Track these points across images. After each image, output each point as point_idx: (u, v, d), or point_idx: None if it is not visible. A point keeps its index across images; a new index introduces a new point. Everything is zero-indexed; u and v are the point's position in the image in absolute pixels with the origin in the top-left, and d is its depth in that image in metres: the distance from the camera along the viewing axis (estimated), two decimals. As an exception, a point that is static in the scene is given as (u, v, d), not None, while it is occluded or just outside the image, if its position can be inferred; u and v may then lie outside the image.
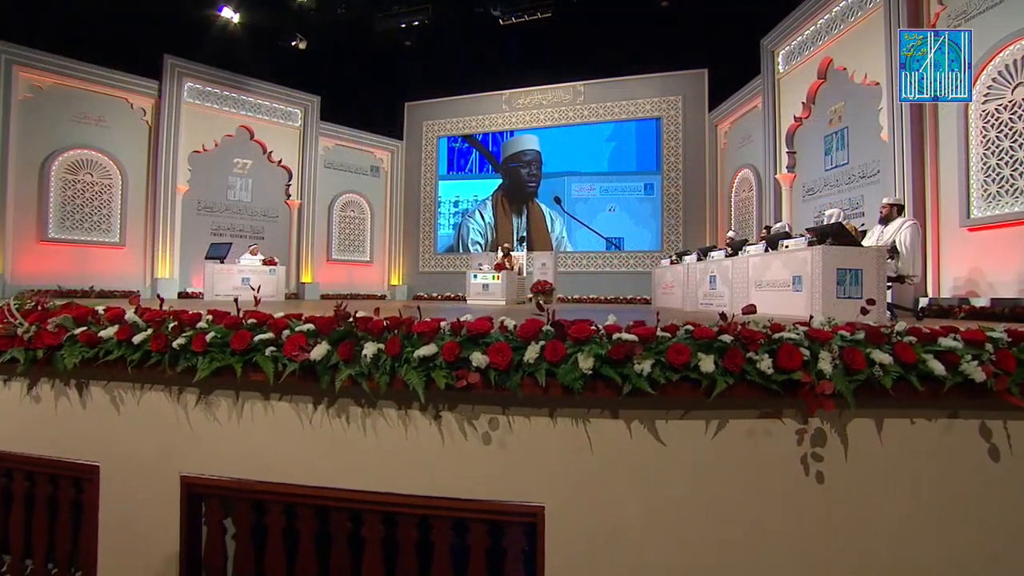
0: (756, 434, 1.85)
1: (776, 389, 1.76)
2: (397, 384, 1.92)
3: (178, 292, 11.72)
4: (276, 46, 12.85)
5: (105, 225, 11.07)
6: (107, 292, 10.53)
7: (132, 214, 11.36)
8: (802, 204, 9.92)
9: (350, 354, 1.94)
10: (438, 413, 1.98)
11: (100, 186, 11.02)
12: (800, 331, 1.85)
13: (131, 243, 11.37)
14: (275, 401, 2.09)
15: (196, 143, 12.16)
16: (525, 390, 1.85)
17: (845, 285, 5.06)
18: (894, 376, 1.71)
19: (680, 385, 1.80)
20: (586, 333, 1.83)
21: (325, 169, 14.55)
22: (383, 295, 15.83)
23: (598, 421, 1.90)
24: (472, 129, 15.71)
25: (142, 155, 11.49)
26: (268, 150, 13.47)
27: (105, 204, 11.08)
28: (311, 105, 14.10)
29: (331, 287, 14.60)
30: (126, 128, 11.28)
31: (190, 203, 12.20)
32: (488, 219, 15.60)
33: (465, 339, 1.92)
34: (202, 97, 12.32)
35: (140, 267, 11.50)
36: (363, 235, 15.53)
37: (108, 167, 11.09)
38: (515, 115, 15.31)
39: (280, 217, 13.80)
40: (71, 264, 10.58)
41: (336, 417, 2.05)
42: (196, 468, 2.11)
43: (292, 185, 13.89)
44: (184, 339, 2.03)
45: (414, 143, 16.15)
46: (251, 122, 13.18)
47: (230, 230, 12.86)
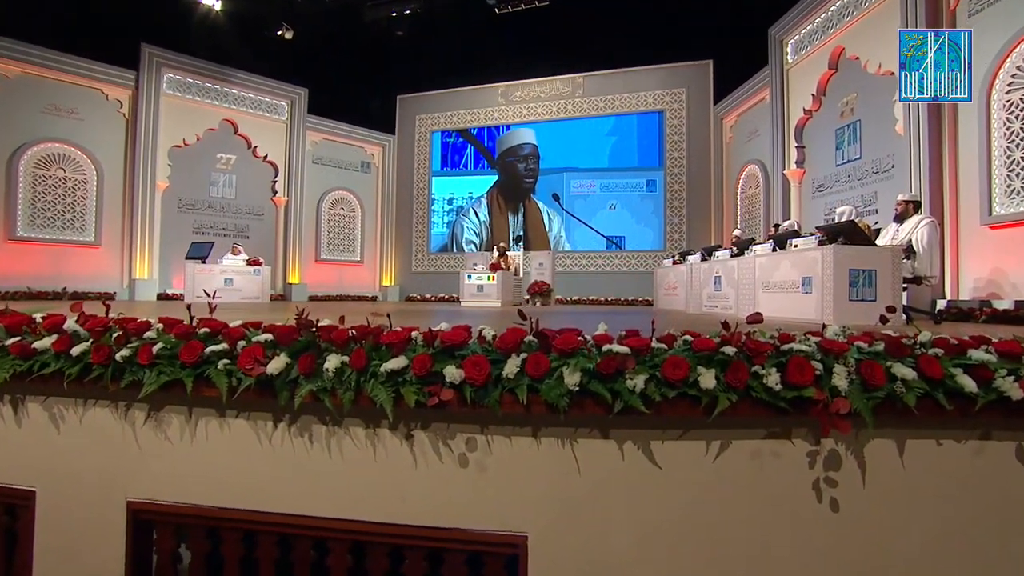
0: (762, 456, 1.75)
1: (785, 407, 1.64)
2: (363, 401, 1.82)
3: (157, 294, 11.60)
4: (261, 36, 12.75)
5: (79, 223, 10.94)
6: (81, 294, 10.40)
7: (108, 212, 11.24)
8: (812, 201, 9.86)
9: (311, 367, 1.82)
10: (410, 432, 1.88)
11: (73, 182, 10.89)
12: (812, 342, 1.73)
13: (107, 242, 11.24)
14: (231, 419, 1.98)
15: (176, 137, 12.05)
16: (505, 408, 1.75)
17: (858, 287, 5.00)
18: (918, 393, 1.59)
19: (677, 402, 1.69)
20: (572, 345, 1.71)
21: (313, 165, 14.48)
22: (374, 296, 15.75)
23: (587, 441, 1.80)
24: (467, 123, 15.63)
25: (118, 149, 11.37)
26: (253, 145, 13.39)
27: (79, 201, 10.95)
28: (298, 98, 14.02)
29: (320, 288, 14.53)
30: (101, 121, 11.15)
31: (170, 200, 12.09)
32: (483, 217, 15.52)
33: (439, 351, 1.79)
34: (183, 89, 12.21)
35: (117, 268, 11.37)
36: (353, 234, 15.46)
37: (82, 162, 10.96)
38: (512, 108, 15.24)
39: (266, 215, 13.72)
40: (43, 264, 10.45)
41: (298, 436, 1.95)
42: (144, 492, 2.00)
43: (278, 182, 13.81)
44: (129, 351, 1.90)
45: (406, 138, 16.07)
46: (235, 115, 13.08)
47: (213, 229, 12.77)
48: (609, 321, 2.03)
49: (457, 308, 9.42)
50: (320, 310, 7.64)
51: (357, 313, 2.03)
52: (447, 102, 15.76)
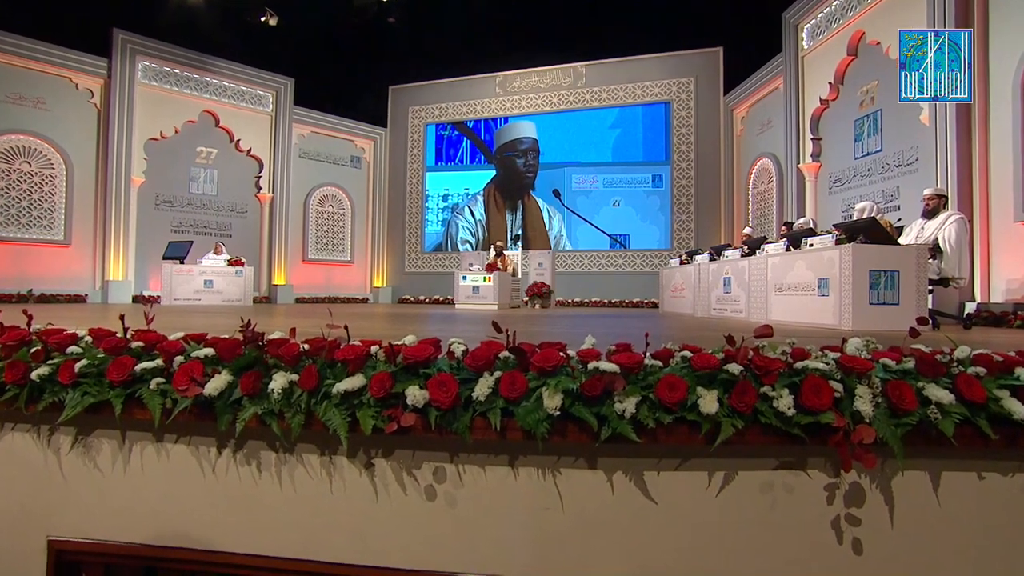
0: (774, 490, 1.61)
1: (799, 435, 1.49)
2: (316, 425, 1.67)
3: (133, 296, 11.50)
4: (244, 22, 12.67)
5: (47, 221, 10.84)
6: (49, 296, 10.30)
7: (79, 209, 11.15)
8: (828, 197, 9.80)
9: (256, 387, 1.67)
10: (370, 461, 1.75)
11: (40, 176, 10.79)
12: (830, 359, 1.59)
13: (78, 241, 11.15)
14: (170, 444, 1.84)
15: (153, 129, 11.98)
16: (476, 434, 1.61)
17: (879, 289, 4.97)
18: (957, 419, 1.43)
19: (674, 428, 1.54)
20: (553, 362, 1.57)
21: (300, 159, 14.45)
22: (365, 298, 15.71)
23: (571, 472, 1.67)
24: (463, 115, 15.60)
25: (90, 142, 11.28)
26: (236, 138, 13.34)
27: (46, 197, 10.85)
28: (284, 88, 13.97)
29: (307, 289, 14.46)
30: (70, 111, 11.06)
31: (147, 196, 12.02)
32: (479, 215, 15.45)
33: (400, 369, 1.64)
34: (159, 78, 12.13)
35: (89, 268, 11.29)
36: (343, 232, 15.43)
37: (49, 155, 10.86)
38: (510, 100, 15.21)
39: (249, 212, 13.67)
40: (7, 264, 10.36)
41: (245, 465, 1.82)
42: (69, 529, 1.86)
43: (263, 177, 13.76)
44: (48, 368, 1.76)
45: (399, 131, 16.05)
46: (216, 107, 13.02)
47: (193, 227, 12.71)
48: (611, 325, 1.89)
49: (451, 311, 9.29)
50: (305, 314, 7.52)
51: (352, 316, 1.88)
52: (442, 93, 15.75)
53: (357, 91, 15.38)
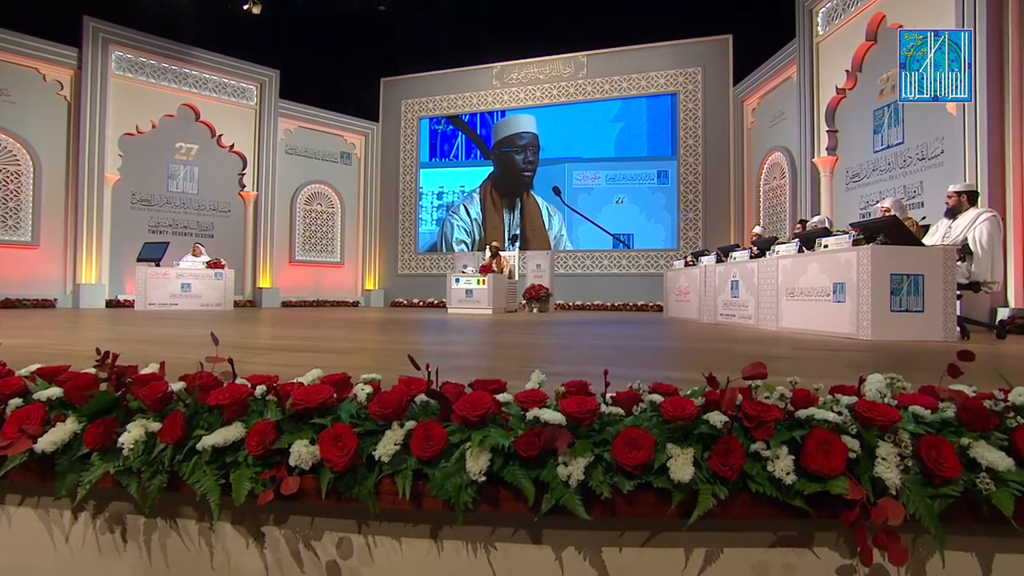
0: (770, 572, 1.30)
1: (802, 507, 1.17)
2: (185, 488, 1.35)
3: (106, 301, 11.31)
4: (225, 10, 12.53)
5: (12, 220, 10.69)
6: (15, 301, 10.11)
7: (48, 208, 11.00)
8: (845, 193, 9.67)
9: (107, 439, 1.36)
10: (258, 530, 1.42)
11: (5, 174, 10.65)
12: (842, 404, 1.25)
13: (47, 242, 11.00)
14: (12, 507, 1.53)
15: (128, 124, 11.84)
16: (385, 501, 1.29)
17: (902, 295, 4.80)
18: (1017, 491, 1.10)
19: (638, 498, 1.22)
20: (481, 409, 1.25)
21: (286, 156, 14.33)
22: (356, 301, 15.54)
23: (508, 547, 1.36)
24: (458, 109, 15.50)
25: (59, 137, 11.13)
26: (217, 133, 13.22)
27: (12, 195, 10.70)
28: (268, 80, 13.85)
29: (294, 292, 14.31)
30: (37, 104, 10.90)
31: (122, 195, 11.88)
32: (475, 215, 15.31)
33: (288, 417, 1.33)
34: (135, 69, 11.97)
35: (59, 271, 11.14)
36: (332, 232, 15.32)
37: (15, 150, 10.71)
38: (507, 92, 15.11)
39: (233, 211, 13.56)
40: (-33, 267, 10.20)
41: (106, 532, 1.52)
42: None
43: (247, 174, 13.64)
44: None
45: (391, 125, 15.96)
46: (196, 100, 12.88)
47: (172, 227, 12.57)
48: (609, 332, 1.59)
49: (442, 317, 9.02)
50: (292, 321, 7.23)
51: (344, 320, 1.57)
52: (436, 85, 15.64)
53: (346, 83, 15.31)
